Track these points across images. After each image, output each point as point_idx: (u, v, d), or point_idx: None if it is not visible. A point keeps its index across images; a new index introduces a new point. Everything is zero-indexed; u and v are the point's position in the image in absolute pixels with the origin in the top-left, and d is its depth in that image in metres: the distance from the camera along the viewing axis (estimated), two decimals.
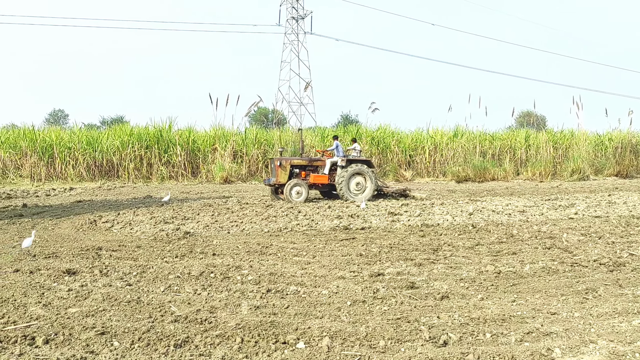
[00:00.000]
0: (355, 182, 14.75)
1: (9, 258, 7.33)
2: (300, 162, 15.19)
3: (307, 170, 15.14)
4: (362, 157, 15.90)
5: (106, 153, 22.20)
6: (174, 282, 5.99)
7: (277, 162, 14.68)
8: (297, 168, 14.99)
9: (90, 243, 8.39)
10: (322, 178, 14.93)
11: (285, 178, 14.61)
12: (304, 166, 15.16)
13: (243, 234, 9.25)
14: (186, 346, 4.09)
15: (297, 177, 14.81)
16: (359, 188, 14.77)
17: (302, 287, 5.73)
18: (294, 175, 14.86)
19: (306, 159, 15.55)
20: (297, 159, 15.29)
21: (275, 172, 14.66)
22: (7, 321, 4.66)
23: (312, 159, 15.62)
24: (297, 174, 14.92)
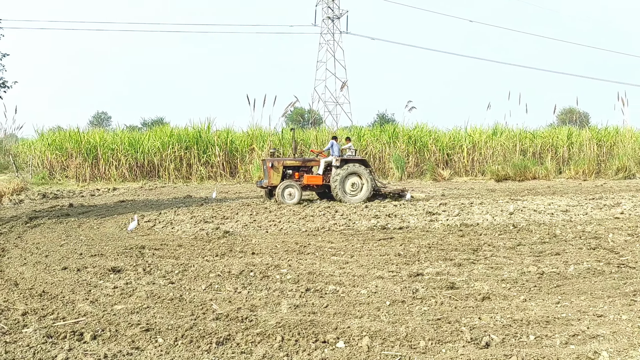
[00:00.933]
0: (350, 182, 14.19)
1: (57, 256, 7.60)
2: (293, 162, 14.67)
3: (301, 171, 14.64)
4: (358, 156, 15.46)
5: (147, 154, 22.73)
6: (214, 280, 6.09)
7: (268, 164, 14.21)
8: (290, 169, 14.52)
9: (134, 242, 8.62)
10: (316, 179, 14.37)
11: (277, 179, 14.15)
12: (297, 167, 14.66)
13: (281, 233, 9.32)
14: (228, 344, 4.16)
15: (290, 179, 14.32)
16: (354, 188, 14.22)
17: (341, 286, 5.74)
18: (287, 177, 14.40)
19: (299, 159, 15.06)
20: (289, 160, 14.80)
21: (268, 174, 14.25)
22: (56, 317, 4.85)
23: (305, 159, 15.20)
24: (290, 175, 14.46)
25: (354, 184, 14.19)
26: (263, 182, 14.73)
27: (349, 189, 14.13)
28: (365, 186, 14.27)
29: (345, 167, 14.08)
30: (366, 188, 14.29)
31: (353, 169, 14.13)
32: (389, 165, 24.46)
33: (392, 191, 15.39)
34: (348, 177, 14.10)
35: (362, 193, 14.25)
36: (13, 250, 8.15)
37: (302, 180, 14.26)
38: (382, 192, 15.15)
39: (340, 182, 13.96)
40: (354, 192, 14.19)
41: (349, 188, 14.12)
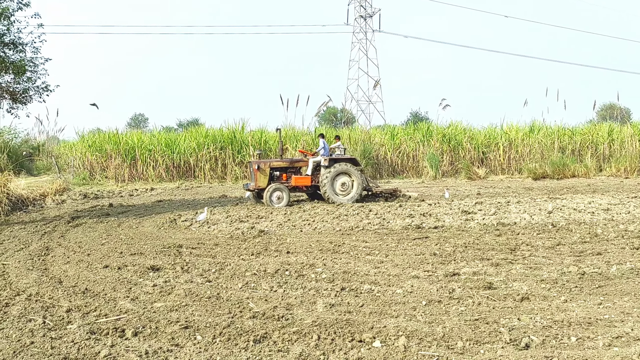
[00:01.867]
0: (340, 182, 13.77)
1: (99, 255, 7.82)
2: (280, 164, 14.15)
3: (289, 172, 14.18)
4: (347, 155, 15.05)
5: (183, 154, 23.13)
6: (250, 279, 6.16)
7: (254, 166, 13.69)
8: (278, 170, 14.04)
9: (172, 241, 8.79)
10: (305, 180, 13.94)
11: (264, 182, 13.65)
12: (284, 168, 14.17)
13: (315, 233, 9.36)
14: (265, 342, 4.21)
15: (277, 180, 13.89)
16: (344, 188, 13.80)
17: (376, 285, 5.73)
18: (275, 179, 13.92)
19: (287, 160, 14.60)
20: (276, 161, 14.23)
21: (254, 176, 13.74)
22: (99, 314, 4.99)
23: (293, 160, 14.73)
24: (277, 176, 13.98)
25: (344, 184, 13.82)
26: (249, 184, 14.21)
27: (339, 189, 13.77)
28: (355, 185, 13.89)
29: (334, 167, 13.70)
30: (356, 187, 13.89)
31: (342, 168, 13.76)
32: (422, 164, 24.26)
33: (384, 191, 14.98)
34: (337, 176, 13.75)
35: (353, 193, 13.85)
36: (57, 249, 8.42)
37: (290, 181, 13.89)
38: (373, 191, 14.76)
39: (330, 182, 13.59)
40: (344, 192, 13.80)
41: (338, 188, 13.76)
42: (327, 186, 13.55)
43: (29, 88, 11.67)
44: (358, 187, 13.88)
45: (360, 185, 13.90)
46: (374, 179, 22.60)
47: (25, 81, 11.55)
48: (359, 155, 22.21)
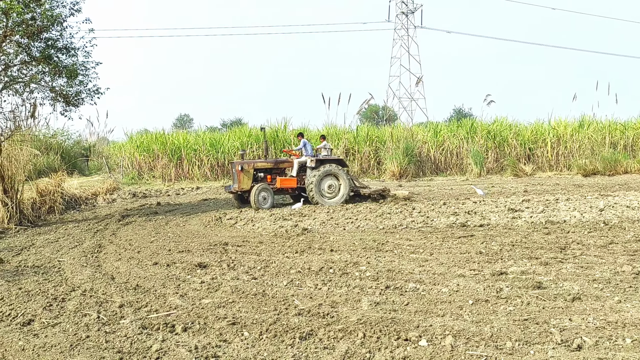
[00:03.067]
0: (327, 184, 13.29)
1: (148, 252, 8.05)
2: (264, 164, 13.62)
3: (273, 173, 13.67)
4: (333, 156, 14.48)
5: (227, 154, 23.50)
6: (295, 276, 6.22)
7: (238, 167, 13.11)
8: (262, 172, 13.52)
9: (217, 239, 8.96)
10: (290, 181, 13.46)
11: (248, 183, 13.15)
12: (269, 169, 13.66)
13: (358, 231, 9.35)
14: (310, 339, 4.25)
15: (262, 182, 13.32)
16: (331, 190, 13.34)
17: (421, 284, 5.68)
18: (259, 180, 13.39)
19: (271, 161, 14.04)
20: (260, 162, 13.71)
21: (237, 178, 13.16)
22: (150, 310, 5.15)
23: (277, 160, 14.16)
24: (262, 178, 13.46)
25: (331, 186, 13.36)
26: (232, 186, 13.53)
27: (326, 191, 13.31)
28: (342, 187, 13.44)
29: (321, 168, 13.23)
30: (344, 189, 13.45)
31: (329, 169, 13.29)
32: (466, 161, 23.83)
33: (372, 192, 14.22)
34: (324, 178, 13.27)
35: (340, 195, 13.41)
36: (109, 246, 8.72)
37: (276, 183, 13.41)
38: (361, 193, 14.18)
39: (316, 184, 13.10)
40: (331, 194, 13.37)
41: (325, 190, 13.29)
42: (313, 188, 13.08)
43: (81, 91, 12.13)
44: (345, 189, 13.46)
45: (347, 187, 13.48)
46: (415, 177, 22.42)
47: (77, 84, 12.01)
48: (401, 153, 22.04)
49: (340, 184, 13.47)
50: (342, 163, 13.89)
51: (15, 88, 11.83)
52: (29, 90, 11.98)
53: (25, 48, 11.20)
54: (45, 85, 11.84)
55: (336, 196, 13.41)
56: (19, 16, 10.38)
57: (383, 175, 22.41)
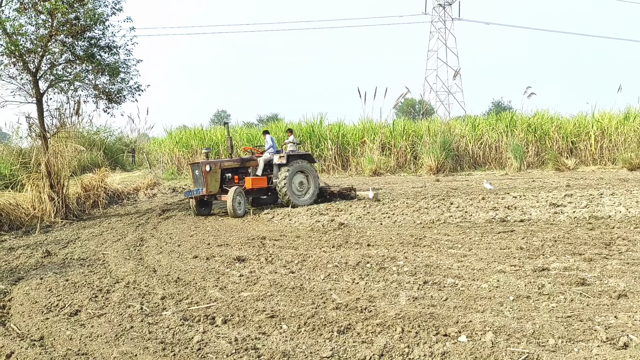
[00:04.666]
0: (298, 181, 12.34)
1: (188, 245, 8.22)
2: (231, 164, 12.29)
3: (240, 173, 12.45)
4: (300, 150, 13.55)
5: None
6: (332, 271, 6.24)
7: (204, 167, 11.61)
8: (229, 172, 12.22)
9: (255, 233, 9.07)
10: (261, 181, 12.24)
11: (216, 186, 11.77)
12: (235, 169, 12.39)
13: (395, 226, 9.29)
14: (348, 333, 4.25)
15: (229, 183, 12.07)
16: (302, 188, 12.42)
17: (460, 279, 5.61)
18: (226, 181, 12.09)
19: (237, 160, 12.65)
20: (227, 161, 12.30)
21: (203, 180, 11.60)
22: (190, 302, 5.26)
23: (243, 159, 12.81)
24: (229, 179, 12.16)
25: (302, 183, 12.44)
26: (198, 190, 11.74)
27: (297, 189, 12.36)
28: (312, 185, 12.60)
29: (293, 164, 12.23)
30: (313, 187, 12.61)
31: (300, 166, 12.35)
32: (506, 155, 23.33)
33: (340, 190, 13.50)
34: (295, 175, 12.30)
35: (310, 193, 12.54)
36: (150, 240, 8.94)
37: (244, 183, 12.15)
38: (327, 192, 13.32)
39: (289, 182, 12.10)
40: (301, 193, 12.44)
41: (296, 188, 12.35)
42: (287, 187, 12.03)
43: (122, 88, 12.45)
44: (315, 187, 12.67)
45: (316, 184, 12.74)
46: (453, 172, 22.09)
47: (119, 82, 12.34)
48: (438, 147, 21.76)
49: (310, 181, 12.63)
50: (310, 159, 13.00)
51: (60, 86, 12.23)
52: (74, 88, 12.37)
53: (69, 47, 11.55)
54: (88, 83, 12.21)
55: (306, 194, 12.55)
56: (64, 16, 10.71)
57: (420, 170, 22.19)
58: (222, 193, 11.78)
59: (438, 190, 14.66)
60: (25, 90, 11.70)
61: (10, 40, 10.56)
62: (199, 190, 11.63)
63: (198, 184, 11.79)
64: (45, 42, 10.92)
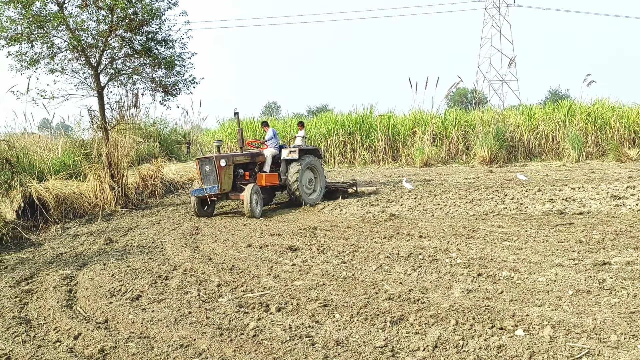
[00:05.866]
0: (307, 178, 11.55)
1: (242, 235, 8.40)
2: (243, 159, 11.26)
3: (250, 169, 11.44)
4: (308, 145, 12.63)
5: (314, 140, 23.84)
6: (384, 261, 6.23)
7: (220, 162, 10.49)
8: (241, 168, 11.24)
9: (306, 223, 9.16)
10: (273, 178, 11.34)
11: (229, 184, 10.74)
12: (246, 164, 11.38)
13: (447, 217, 9.17)
14: (401, 323, 4.25)
15: (240, 180, 11.12)
16: (311, 185, 11.68)
17: (516, 272, 5.49)
18: (238, 178, 11.10)
19: (248, 154, 11.51)
20: (240, 156, 11.26)
21: (217, 177, 10.49)
22: (245, 289, 5.39)
23: (252, 154, 11.62)
24: (241, 175, 11.17)
25: (310, 180, 11.70)
26: (212, 189, 10.51)
27: (306, 187, 11.56)
28: (320, 181, 11.91)
29: (305, 159, 11.45)
30: (321, 183, 11.93)
31: (310, 161, 11.56)
32: (563, 145, 22.51)
33: (343, 184, 12.82)
34: (305, 172, 11.51)
35: (318, 190, 11.87)
36: (205, 229, 9.19)
37: (258, 180, 11.21)
38: (331, 188, 12.60)
39: (301, 178, 11.30)
40: (310, 190, 11.69)
41: (305, 185, 11.53)
42: (299, 184, 11.24)
43: (178, 81, 12.80)
44: (323, 183, 12.00)
45: (324, 181, 12.11)
46: (507, 162, 21.50)
47: (175, 75, 12.68)
48: (492, 138, 21.23)
49: (318, 177, 11.95)
50: (317, 154, 12.21)
51: (120, 79, 12.69)
52: (132, 81, 12.81)
53: (128, 42, 11.95)
54: (146, 76, 12.60)
55: (315, 192, 11.85)
56: (123, 11, 11.09)
57: (472, 161, 21.74)
58: (234, 191, 10.91)
59: (491, 182, 14.33)
60: (87, 84, 12.22)
61: (73, 35, 11.02)
62: (213, 189, 10.46)
63: (209, 181, 10.64)
64: (106, 37, 11.34)
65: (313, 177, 11.81)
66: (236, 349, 3.88)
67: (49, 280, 6.16)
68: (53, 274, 6.42)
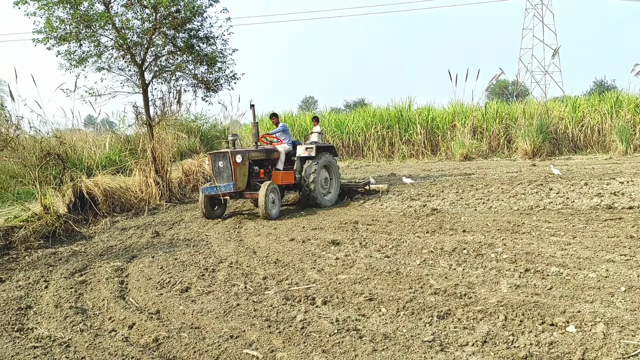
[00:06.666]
0: (323, 177, 10.86)
1: (284, 228, 8.49)
2: (258, 155, 10.47)
3: (264, 166, 10.73)
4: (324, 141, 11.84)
5: (352, 134, 23.82)
6: (428, 256, 6.21)
7: (236, 158, 9.65)
8: (256, 165, 10.49)
9: (347, 217, 9.18)
10: (289, 176, 10.63)
11: (245, 181, 9.95)
12: (260, 161, 10.62)
13: (491, 212, 9.04)
14: (449, 318, 4.24)
15: (255, 178, 10.39)
16: (327, 185, 11.03)
17: (565, 268, 5.38)
18: (254, 175, 10.37)
19: (263, 150, 10.70)
20: (254, 152, 10.41)
21: (232, 173, 9.64)
22: (291, 283, 5.46)
23: (267, 150, 10.83)
24: (256, 172, 10.45)
25: (326, 179, 11.01)
26: (228, 187, 9.68)
27: (322, 186, 10.85)
28: (335, 181, 11.26)
29: (322, 157, 10.78)
30: (336, 183, 11.28)
31: (326, 160, 10.92)
32: (610, 138, 21.79)
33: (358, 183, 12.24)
34: (321, 170, 10.80)
35: (334, 191, 11.20)
36: (248, 222, 9.34)
37: (273, 179, 10.50)
38: (345, 188, 11.90)
39: (319, 177, 10.62)
40: (325, 190, 11.01)
41: (321, 185, 10.83)
42: (316, 183, 10.56)
43: (219, 77, 13.00)
44: (338, 182, 11.36)
45: (339, 180, 11.48)
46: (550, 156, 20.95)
47: (216, 71, 12.89)
48: (534, 130, 20.72)
49: (333, 176, 11.28)
50: (333, 151, 11.60)
51: (164, 76, 12.97)
52: (175, 78, 13.07)
53: (171, 39, 12.20)
54: (188, 72, 12.85)
55: (330, 192, 11.17)
56: (166, 9, 11.32)
57: (514, 154, 21.29)
58: (249, 189, 10.12)
59: (535, 175, 14.02)
60: (132, 81, 12.54)
61: (119, 34, 11.32)
62: (228, 187, 9.63)
63: (222, 179, 9.77)
64: (150, 35, 11.61)
65: (328, 176, 11.15)
66: (285, 341, 3.95)
67: (101, 272, 6.39)
68: (105, 266, 6.65)
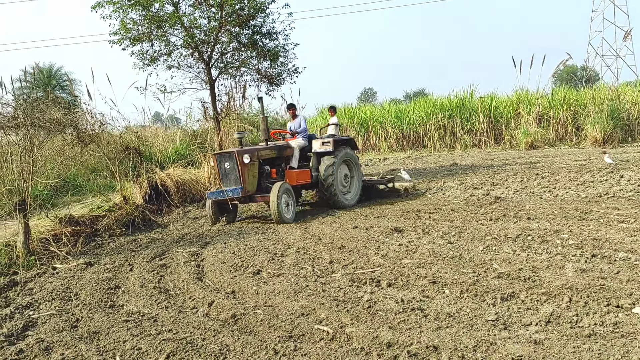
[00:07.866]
0: (343, 174, 9.97)
1: (347, 217, 8.73)
2: (269, 153, 9.44)
3: (276, 165, 9.69)
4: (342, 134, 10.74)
5: (412, 125, 23.71)
6: (491, 242, 6.27)
7: (243, 158, 8.71)
8: (267, 164, 9.46)
9: (409, 206, 9.30)
10: (304, 175, 9.70)
11: (255, 183, 8.98)
12: (272, 160, 9.58)
13: (557, 200, 8.90)
14: (512, 300, 4.34)
15: (267, 178, 9.38)
16: (346, 182, 10.10)
17: (633, 254, 5.31)
18: (264, 176, 9.36)
19: (274, 148, 9.65)
20: (264, 150, 9.39)
21: (240, 175, 8.73)
22: (356, 267, 5.69)
23: (280, 146, 9.79)
24: (267, 173, 9.44)
25: (346, 176, 10.09)
26: (235, 190, 8.72)
27: (342, 184, 9.94)
28: (356, 178, 10.35)
29: (340, 152, 9.87)
30: (357, 181, 10.36)
31: (346, 154, 10.01)
32: None
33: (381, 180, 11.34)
34: (340, 167, 9.91)
35: (355, 189, 10.30)
36: (311, 211, 9.69)
37: (287, 178, 9.53)
38: (367, 184, 10.93)
39: (337, 174, 9.70)
40: (346, 188, 10.11)
41: (341, 183, 9.91)
42: (336, 181, 9.66)
43: (282, 71, 13.39)
44: (359, 179, 10.46)
45: (361, 177, 10.59)
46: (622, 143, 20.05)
47: (279, 66, 13.28)
48: (605, 117, 19.89)
49: (354, 172, 10.39)
50: (353, 145, 10.71)
51: (229, 72, 13.50)
52: (240, 73, 13.58)
53: (235, 36, 12.68)
54: (252, 68, 13.31)
55: (350, 190, 10.27)
56: (231, 7, 11.78)
57: (583, 142, 20.53)
58: (259, 192, 9.11)
59: (605, 163, 13.55)
60: (200, 78, 13.13)
61: (188, 33, 11.90)
62: (236, 190, 8.70)
63: (229, 182, 8.89)
64: (216, 32, 12.12)
65: (349, 173, 10.26)
66: (353, 318, 4.19)
67: (178, 257, 6.86)
68: (181, 251, 7.13)
